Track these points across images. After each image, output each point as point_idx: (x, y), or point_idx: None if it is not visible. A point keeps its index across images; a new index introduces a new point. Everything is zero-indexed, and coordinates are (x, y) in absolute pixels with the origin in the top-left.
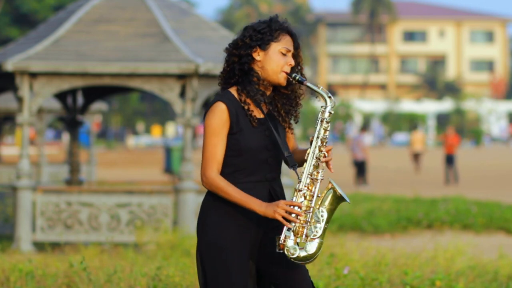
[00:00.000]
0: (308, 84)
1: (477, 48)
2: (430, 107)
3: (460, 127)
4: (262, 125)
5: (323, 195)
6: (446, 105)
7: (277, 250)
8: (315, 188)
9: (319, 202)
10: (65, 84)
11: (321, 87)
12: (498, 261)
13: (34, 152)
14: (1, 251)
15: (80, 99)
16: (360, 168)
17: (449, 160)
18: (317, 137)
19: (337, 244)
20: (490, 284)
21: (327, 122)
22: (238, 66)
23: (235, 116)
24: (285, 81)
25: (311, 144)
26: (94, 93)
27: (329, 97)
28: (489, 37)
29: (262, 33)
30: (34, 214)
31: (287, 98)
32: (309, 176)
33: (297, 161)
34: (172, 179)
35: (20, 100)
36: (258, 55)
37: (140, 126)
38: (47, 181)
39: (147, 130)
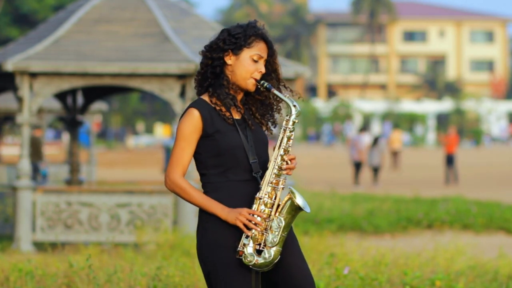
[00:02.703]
0: (275, 91)
1: (477, 48)
2: (430, 107)
3: (460, 127)
4: (239, 124)
5: (283, 203)
6: (446, 105)
7: (237, 256)
8: (276, 196)
9: (279, 210)
10: (65, 84)
11: (287, 96)
12: (498, 261)
13: None
14: (1, 251)
15: (80, 99)
16: (357, 168)
17: (449, 160)
18: (279, 147)
19: (337, 244)
20: (490, 284)
21: (291, 131)
22: (211, 69)
23: (209, 119)
24: (254, 87)
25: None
26: (94, 93)
27: (294, 105)
28: (489, 37)
29: (236, 37)
30: (34, 214)
31: (261, 103)
32: (270, 184)
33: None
34: None
35: (20, 100)
36: (229, 59)
37: (140, 126)
38: (47, 181)
39: (147, 130)
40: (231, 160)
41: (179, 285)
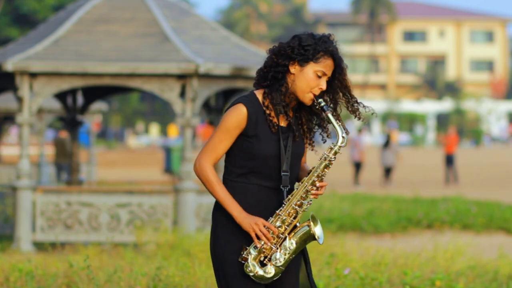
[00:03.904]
0: (329, 115)
1: (477, 48)
2: (430, 107)
3: (460, 127)
4: (283, 133)
5: (300, 227)
6: (446, 105)
7: (239, 259)
8: (295, 218)
9: (295, 232)
10: (65, 84)
11: (340, 124)
12: (498, 261)
13: (34, 152)
14: (1, 251)
15: (80, 99)
16: (357, 168)
17: (449, 160)
18: (315, 173)
19: (337, 244)
20: (490, 284)
21: (330, 161)
22: (273, 73)
23: (255, 120)
24: (310, 102)
25: (308, 174)
26: (94, 93)
27: (343, 136)
28: (489, 37)
29: (305, 49)
30: (34, 214)
31: (316, 115)
32: (294, 205)
33: (299, 177)
34: (172, 179)
35: (20, 100)
36: (294, 69)
37: (140, 126)
38: (47, 181)
39: (147, 130)
40: (258, 166)
41: (179, 285)
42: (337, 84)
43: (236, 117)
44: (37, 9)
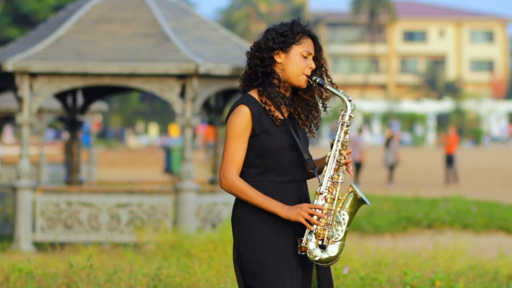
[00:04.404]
0: (328, 87)
1: (477, 48)
2: (430, 107)
3: (460, 127)
4: (285, 126)
5: (344, 198)
6: (446, 105)
7: (299, 252)
8: (336, 191)
9: (340, 205)
10: (65, 84)
11: (341, 91)
12: (498, 261)
13: (34, 152)
14: (1, 251)
15: (80, 99)
16: (357, 168)
17: (449, 160)
18: (338, 141)
19: None
20: (490, 284)
21: (348, 126)
22: (261, 69)
23: (258, 118)
24: (306, 83)
25: (331, 148)
26: (94, 93)
27: (349, 100)
28: (489, 37)
29: (284, 35)
30: (34, 214)
31: (306, 103)
32: (330, 179)
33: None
34: (172, 179)
35: (20, 100)
36: (279, 58)
37: (140, 126)
38: (47, 181)
39: (147, 130)
40: (273, 161)
41: (179, 285)
42: (316, 64)
43: (242, 119)
44: (37, 9)
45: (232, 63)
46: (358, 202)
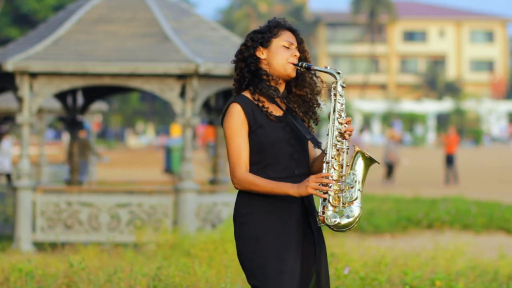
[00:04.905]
0: (316, 67)
1: (477, 48)
2: (430, 107)
3: (460, 127)
4: (281, 122)
5: (352, 161)
6: (446, 105)
7: (318, 225)
8: (342, 158)
9: (350, 167)
10: (65, 84)
11: (328, 67)
12: (498, 261)
13: (34, 152)
14: (1, 251)
15: (80, 99)
16: None
17: (449, 160)
18: (334, 111)
19: (337, 244)
20: (490, 284)
21: (341, 96)
22: (246, 69)
23: (252, 114)
24: (294, 71)
25: (329, 119)
26: (94, 93)
27: (338, 72)
28: (489, 37)
29: (261, 32)
30: (34, 214)
31: (302, 99)
32: (333, 147)
33: (316, 169)
34: (172, 179)
35: (20, 100)
36: (262, 54)
37: (140, 126)
38: (47, 181)
39: (145, 130)
40: (271, 156)
41: (179, 285)
42: (300, 56)
43: (236, 116)
44: (37, 9)
45: (232, 63)
46: (367, 161)
